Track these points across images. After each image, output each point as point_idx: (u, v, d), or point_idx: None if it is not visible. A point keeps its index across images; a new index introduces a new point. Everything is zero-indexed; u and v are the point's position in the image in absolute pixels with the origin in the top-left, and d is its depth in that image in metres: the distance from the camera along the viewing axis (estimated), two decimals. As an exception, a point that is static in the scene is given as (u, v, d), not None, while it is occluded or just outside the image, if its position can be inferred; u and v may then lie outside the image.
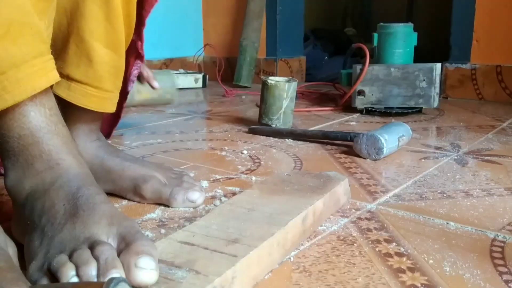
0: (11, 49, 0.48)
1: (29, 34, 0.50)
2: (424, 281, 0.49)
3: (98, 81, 0.68)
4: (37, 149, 0.51)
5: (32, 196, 0.51)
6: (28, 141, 0.51)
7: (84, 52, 0.67)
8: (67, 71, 0.67)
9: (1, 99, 0.48)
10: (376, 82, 1.39)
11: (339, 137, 1.05)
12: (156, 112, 1.52)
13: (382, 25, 1.45)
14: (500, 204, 0.70)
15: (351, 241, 0.59)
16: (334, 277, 0.50)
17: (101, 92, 0.69)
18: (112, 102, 0.72)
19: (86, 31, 0.66)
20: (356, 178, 0.83)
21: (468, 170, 0.87)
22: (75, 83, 0.68)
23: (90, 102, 0.69)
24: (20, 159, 0.52)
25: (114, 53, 0.69)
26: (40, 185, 0.51)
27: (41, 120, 0.52)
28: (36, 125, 0.51)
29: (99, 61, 0.68)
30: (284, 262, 0.53)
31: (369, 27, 2.84)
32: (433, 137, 1.15)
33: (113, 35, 0.68)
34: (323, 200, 0.63)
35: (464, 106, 1.57)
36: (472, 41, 1.68)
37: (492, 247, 0.57)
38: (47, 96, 0.53)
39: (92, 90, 0.68)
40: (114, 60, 0.70)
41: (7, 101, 0.48)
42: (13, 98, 0.49)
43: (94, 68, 0.68)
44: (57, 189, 0.50)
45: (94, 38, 0.67)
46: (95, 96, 0.69)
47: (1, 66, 0.48)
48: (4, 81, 0.48)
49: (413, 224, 0.64)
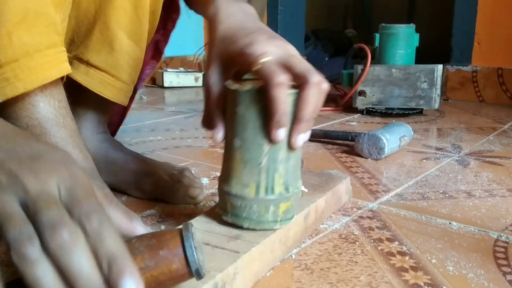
0: (25, 37, 0.49)
1: (44, 25, 0.50)
2: (427, 280, 0.49)
3: (116, 69, 0.69)
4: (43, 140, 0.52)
5: None
6: (36, 132, 0.51)
7: (107, 39, 0.67)
8: (87, 57, 0.68)
9: (12, 87, 0.48)
10: (377, 83, 1.38)
11: (340, 136, 1.04)
12: (155, 109, 1.51)
13: (384, 25, 1.44)
14: (502, 205, 0.70)
15: (353, 239, 0.58)
16: (336, 275, 0.50)
17: (118, 82, 0.70)
18: (125, 95, 0.73)
19: (112, 19, 0.66)
20: (358, 178, 0.82)
21: (469, 171, 0.87)
22: (94, 69, 0.68)
23: (105, 90, 0.69)
24: None
25: (136, 45, 0.70)
26: None
27: (50, 111, 0.52)
28: (45, 116, 0.52)
29: (121, 49, 0.68)
30: (286, 259, 0.53)
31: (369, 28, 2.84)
32: (434, 138, 1.15)
33: (137, 28, 0.69)
34: (325, 198, 0.62)
35: (465, 108, 1.57)
36: (474, 43, 1.68)
37: (495, 247, 0.56)
38: (57, 88, 0.53)
39: (109, 78, 0.69)
40: (135, 52, 0.70)
41: (18, 88, 0.49)
42: (24, 86, 0.49)
43: (115, 56, 0.68)
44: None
45: (119, 27, 0.67)
46: (111, 85, 0.69)
47: (14, 54, 0.48)
48: (16, 69, 0.48)
49: (415, 224, 0.63)
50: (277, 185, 0.48)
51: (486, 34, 1.66)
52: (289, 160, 0.48)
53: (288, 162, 0.48)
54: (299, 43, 2.27)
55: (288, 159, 0.48)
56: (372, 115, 1.41)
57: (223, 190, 0.49)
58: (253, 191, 0.47)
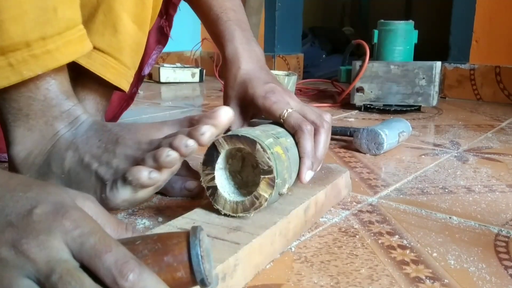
0: (67, 12, 0.52)
1: (76, 2, 0.53)
2: (429, 274, 0.48)
3: (120, 52, 0.68)
4: (58, 111, 0.54)
5: (57, 151, 0.53)
6: (52, 104, 0.53)
7: (111, 21, 0.67)
8: (90, 39, 0.67)
9: (53, 59, 0.50)
10: (376, 79, 1.38)
11: (339, 131, 1.04)
12: (152, 104, 1.50)
13: (383, 22, 1.44)
14: (502, 200, 0.69)
15: (353, 233, 0.58)
16: (337, 268, 0.49)
17: (120, 66, 0.69)
18: (127, 80, 0.72)
19: (116, 1, 0.66)
20: (356, 172, 0.82)
21: (469, 167, 0.86)
22: (97, 51, 0.68)
23: (108, 72, 0.69)
24: (40, 121, 0.53)
25: (139, 29, 0.69)
26: (61, 140, 0.53)
27: (66, 84, 0.55)
28: (61, 88, 0.54)
29: (124, 32, 0.68)
30: (285, 252, 0.52)
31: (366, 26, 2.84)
32: (432, 134, 1.15)
33: (141, 11, 0.68)
34: (325, 191, 0.62)
35: (462, 105, 1.57)
36: (472, 41, 1.68)
37: (496, 241, 0.56)
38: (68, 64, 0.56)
39: (111, 61, 0.68)
40: (138, 36, 0.70)
41: (59, 60, 0.51)
42: (64, 58, 0.52)
43: (118, 39, 0.68)
44: (85, 132, 0.54)
45: (124, 10, 0.67)
46: (114, 68, 0.69)
47: (59, 27, 0.50)
48: (57, 41, 0.50)
49: (415, 218, 0.63)
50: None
51: (484, 32, 1.66)
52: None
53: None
54: (297, 40, 2.26)
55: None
56: (370, 112, 1.40)
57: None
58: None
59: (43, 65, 0.50)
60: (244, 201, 0.49)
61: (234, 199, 0.49)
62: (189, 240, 0.33)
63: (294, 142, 0.58)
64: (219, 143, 0.48)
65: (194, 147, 0.49)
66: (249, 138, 0.48)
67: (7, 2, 0.47)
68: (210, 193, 0.50)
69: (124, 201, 0.50)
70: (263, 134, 0.50)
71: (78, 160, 0.52)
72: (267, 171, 0.47)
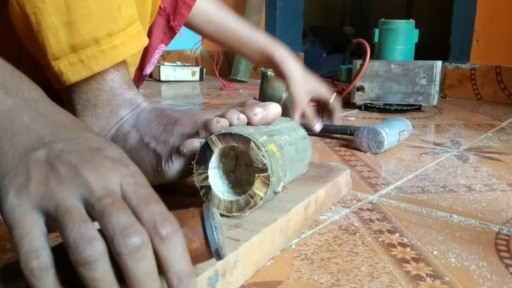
0: (129, 9, 0.55)
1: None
2: (429, 272, 0.48)
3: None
4: (121, 99, 0.57)
5: (120, 134, 0.56)
6: (116, 93, 0.56)
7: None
8: None
9: (119, 53, 0.53)
10: (376, 78, 1.38)
11: (339, 130, 1.04)
12: (152, 102, 1.50)
13: (384, 21, 1.44)
14: (503, 199, 0.69)
15: (353, 230, 0.57)
16: (337, 265, 0.49)
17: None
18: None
19: None
20: (357, 171, 0.82)
21: (469, 166, 0.86)
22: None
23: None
24: (106, 110, 0.56)
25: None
26: (124, 125, 0.56)
27: (127, 75, 0.57)
28: (123, 79, 0.57)
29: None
30: (285, 249, 0.52)
31: (367, 26, 2.83)
32: (432, 133, 1.14)
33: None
34: (325, 189, 0.61)
35: (463, 105, 1.57)
36: (472, 41, 1.67)
37: (497, 240, 0.56)
38: None
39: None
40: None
41: (124, 54, 0.54)
42: (128, 51, 0.54)
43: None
44: (146, 117, 0.56)
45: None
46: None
47: (123, 24, 0.53)
48: (122, 37, 0.53)
49: (415, 216, 0.62)
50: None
51: (484, 32, 1.65)
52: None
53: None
54: (297, 39, 2.26)
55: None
56: (371, 111, 1.40)
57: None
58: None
59: (110, 60, 0.53)
60: (238, 200, 0.48)
61: (228, 198, 0.48)
62: (203, 213, 0.35)
63: (289, 140, 0.57)
64: (212, 141, 0.47)
65: (245, 121, 0.51)
66: (243, 136, 0.47)
67: (77, 3, 0.49)
68: (203, 193, 0.49)
69: (177, 173, 0.51)
70: (257, 132, 0.49)
71: (139, 140, 0.55)
72: (261, 169, 0.47)
